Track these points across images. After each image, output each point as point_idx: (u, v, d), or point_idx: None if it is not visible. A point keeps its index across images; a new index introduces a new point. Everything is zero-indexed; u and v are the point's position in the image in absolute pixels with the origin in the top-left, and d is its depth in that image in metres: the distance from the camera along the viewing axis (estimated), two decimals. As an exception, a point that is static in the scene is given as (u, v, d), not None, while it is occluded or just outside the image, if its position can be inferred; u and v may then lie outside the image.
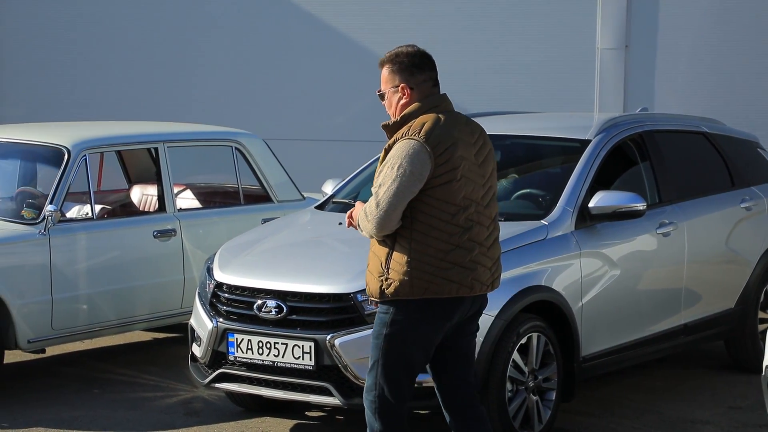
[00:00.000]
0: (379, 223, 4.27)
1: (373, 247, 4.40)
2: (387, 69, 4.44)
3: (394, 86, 4.42)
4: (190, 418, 6.10)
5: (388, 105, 4.45)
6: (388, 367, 4.40)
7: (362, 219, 4.34)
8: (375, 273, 4.36)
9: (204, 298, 5.79)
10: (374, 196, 4.30)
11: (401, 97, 4.42)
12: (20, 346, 6.45)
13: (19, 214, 6.64)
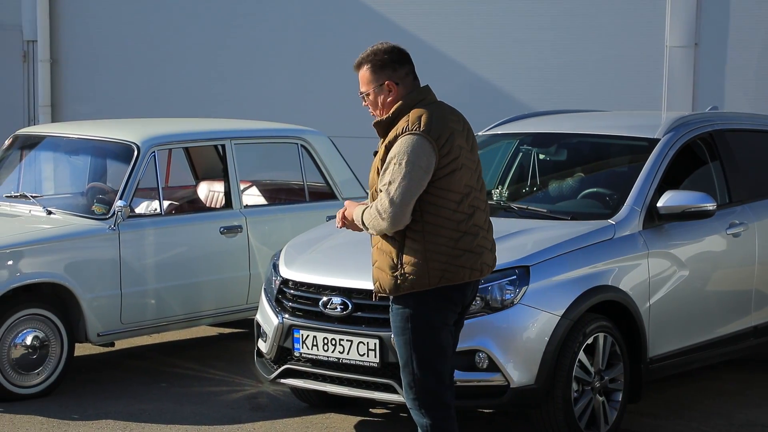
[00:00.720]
0: (394, 220, 4.30)
1: (378, 244, 4.42)
2: (367, 69, 4.45)
3: (379, 84, 4.44)
4: (256, 413, 6.15)
5: (372, 105, 4.46)
6: (424, 359, 4.42)
7: (373, 218, 4.34)
8: (387, 269, 4.37)
9: (270, 295, 5.83)
10: (385, 194, 4.30)
11: (388, 93, 4.45)
12: (90, 339, 6.56)
13: (89, 209, 6.75)
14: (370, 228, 4.39)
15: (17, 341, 6.29)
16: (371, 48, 4.48)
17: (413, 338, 4.40)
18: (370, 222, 4.37)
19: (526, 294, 5.35)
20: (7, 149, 7.35)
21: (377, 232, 4.39)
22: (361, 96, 4.49)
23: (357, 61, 4.49)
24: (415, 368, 4.41)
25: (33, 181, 7.19)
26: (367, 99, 4.47)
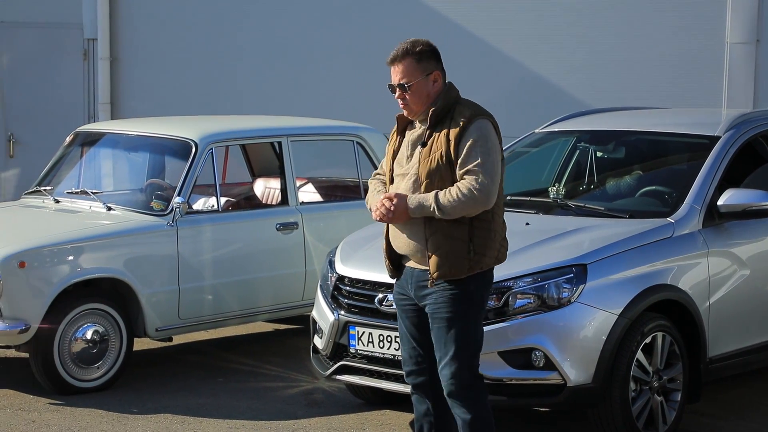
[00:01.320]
0: (490, 198, 4.45)
1: (445, 231, 4.44)
2: (411, 60, 4.53)
3: (426, 74, 4.52)
4: (311, 409, 6.18)
5: (416, 95, 4.52)
6: (478, 343, 4.57)
7: (463, 200, 4.40)
8: (461, 254, 4.45)
9: (326, 291, 5.85)
10: (482, 174, 4.40)
11: (433, 84, 4.52)
12: (149, 334, 6.64)
13: (148, 205, 6.82)
14: (450, 212, 4.43)
15: (78, 335, 6.38)
16: (406, 42, 4.57)
17: (474, 320, 4.53)
18: (456, 204, 4.41)
19: (583, 292, 5.31)
20: (68, 146, 7.45)
21: (464, 213, 4.44)
22: (400, 87, 4.53)
23: (395, 54, 4.55)
24: (469, 355, 4.51)
25: (93, 178, 7.28)
26: (410, 90, 4.52)
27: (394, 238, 4.63)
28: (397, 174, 4.63)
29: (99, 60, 10.49)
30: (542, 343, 5.26)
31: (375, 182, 4.79)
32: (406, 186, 4.55)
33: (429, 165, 4.49)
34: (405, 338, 4.73)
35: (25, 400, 6.28)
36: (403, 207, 4.48)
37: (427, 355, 4.67)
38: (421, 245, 4.51)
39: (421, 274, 4.56)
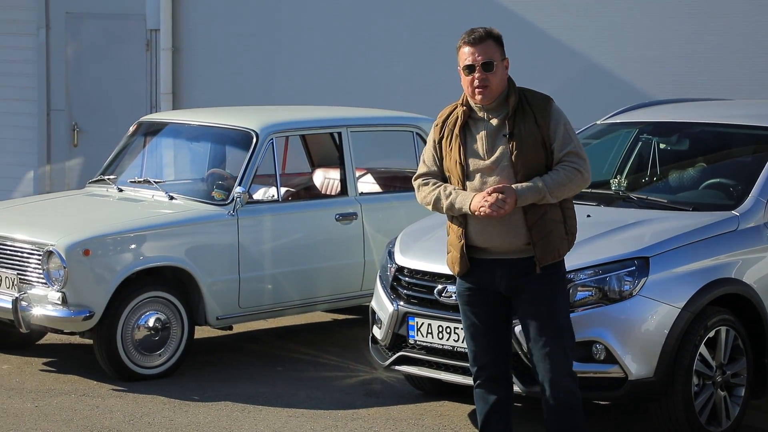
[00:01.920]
0: (589, 179, 4.62)
1: (546, 215, 4.55)
2: (492, 43, 4.61)
3: (502, 59, 4.61)
4: (370, 399, 6.20)
5: (492, 77, 4.56)
6: (572, 328, 4.68)
7: (574, 181, 4.53)
8: (561, 235, 4.58)
9: (385, 282, 5.86)
10: (575, 159, 4.54)
11: (505, 70, 4.63)
12: (209, 323, 6.70)
13: (209, 195, 6.88)
14: (560, 194, 4.54)
15: (140, 323, 6.46)
16: (483, 27, 4.63)
17: (567, 303, 4.71)
18: (566, 185, 4.54)
19: (645, 285, 5.27)
20: (131, 136, 7.54)
21: (570, 194, 4.58)
22: (485, 66, 4.55)
23: (480, 34, 4.59)
24: (570, 338, 4.66)
25: (155, 167, 7.37)
26: (493, 69, 4.55)
27: (483, 235, 4.58)
28: (476, 169, 4.59)
29: (161, 50, 10.59)
30: (603, 336, 5.23)
31: (431, 184, 4.67)
32: (495, 179, 4.55)
33: (524, 154, 4.53)
34: (478, 333, 4.70)
35: (89, 386, 6.38)
36: (514, 197, 4.49)
37: (502, 349, 4.69)
38: (522, 235, 4.54)
39: (518, 262, 4.57)
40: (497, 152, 4.56)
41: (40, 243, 6.38)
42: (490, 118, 4.61)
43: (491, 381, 4.72)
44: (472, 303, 4.70)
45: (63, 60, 11.01)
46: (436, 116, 4.84)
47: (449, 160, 4.66)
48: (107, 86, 10.89)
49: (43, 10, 11.02)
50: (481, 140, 4.59)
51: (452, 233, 4.69)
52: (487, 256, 4.61)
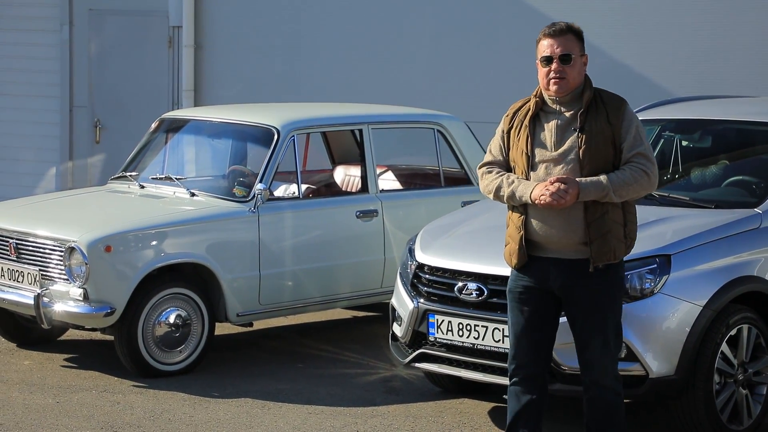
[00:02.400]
0: (656, 184, 4.59)
1: (607, 215, 4.51)
2: (572, 37, 4.61)
3: (581, 54, 4.60)
4: (390, 396, 6.20)
5: (570, 70, 4.55)
6: (621, 330, 4.69)
7: (640, 183, 4.50)
8: (619, 237, 4.54)
9: (405, 279, 5.86)
10: (645, 162, 4.52)
11: (582, 65, 4.60)
12: (230, 319, 6.71)
13: (230, 191, 6.90)
14: (624, 194, 4.51)
15: (161, 319, 6.48)
16: (564, 21, 4.65)
17: (621, 307, 4.67)
18: (631, 186, 4.51)
19: (666, 283, 5.25)
20: (153, 132, 7.56)
21: (635, 195, 4.55)
22: (563, 58, 4.54)
23: (561, 27, 4.60)
24: (619, 343, 4.68)
25: (177, 164, 7.38)
26: (571, 62, 4.55)
27: (542, 227, 4.56)
28: (542, 160, 4.57)
29: (183, 47, 10.62)
30: (624, 334, 5.18)
31: (494, 173, 4.66)
32: (560, 171, 4.54)
33: (592, 149, 4.51)
34: (523, 331, 4.66)
35: (109, 382, 6.41)
36: (577, 190, 4.47)
37: (544, 349, 4.68)
38: (580, 231, 4.52)
39: (574, 263, 4.56)
40: (565, 145, 4.55)
41: (62, 239, 6.41)
42: (563, 111, 4.59)
43: (528, 380, 4.70)
44: (522, 301, 4.66)
45: (86, 57, 11.06)
46: (457, 113, 4.83)
47: (516, 150, 4.64)
48: (129, 83, 10.93)
49: (67, 7, 11.07)
50: (550, 132, 4.58)
51: (512, 224, 4.65)
52: (544, 254, 4.59)
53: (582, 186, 4.48)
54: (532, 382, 4.71)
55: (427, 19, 9.98)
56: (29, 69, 11.27)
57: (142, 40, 10.87)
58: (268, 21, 10.58)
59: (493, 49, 9.70)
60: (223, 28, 10.71)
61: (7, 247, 6.63)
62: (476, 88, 9.77)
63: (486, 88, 9.75)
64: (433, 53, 9.95)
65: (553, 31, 4.59)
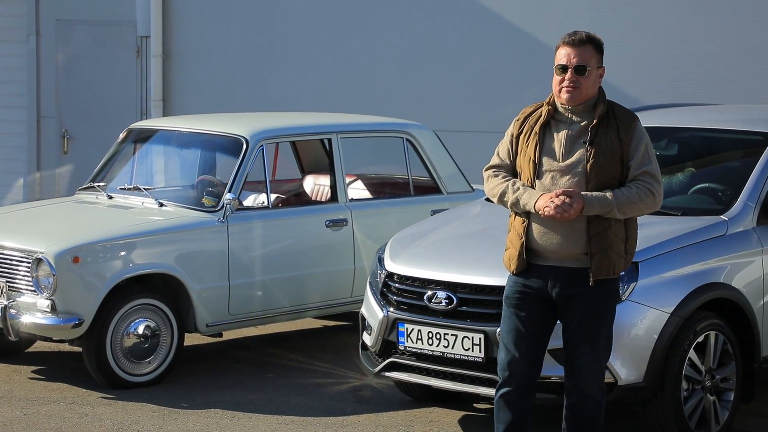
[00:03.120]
0: (660, 204, 4.59)
1: (609, 230, 4.51)
2: (592, 48, 4.58)
3: (597, 66, 4.58)
4: (360, 406, 6.19)
5: (584, 81, 4.53)
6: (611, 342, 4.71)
7: (644, 202, 4.51)
8: (620, 252, 4.55)
9: (375, 288, 5.86)
10: (652, 181, 4.53)
11: (598, 78, 4.60)
12: (199, 330, 6.69)
13: (199, 201, 6.87)
14: (628, 211, 4.51)
15: (130, 330, 6.44)
16: (585, 31, 4.62)
17: (610, 321, 4.65)
18: (635, 204, 4.51)
19: (634, 290, 5.27)
20: (121, 142, 7.53)
21: (638, 213, 4.55)
22: (578, 69, 4.53)
23: (581, 37, 4.58)
24: (608, 354, 4.67)
25: (145, 174, 7.35)
26: (586, 73, 4.53)
27: (543, 236, 4.55)
28: (549, 170, 4.56)
29: (151, 57, 10.59)
30: (593, 341, 5.21)
31: (500, 177, 4.64)
32: (566, 182, 4.53)
33: (600, 163, 4.50)
34: (519, 339, 4.63)
35: (78, 394, 6.36)
36: (581, 204, 4.47)
37: (538, 357, 4.66)
38: (582, 243, 4.52)
39: (573, 272, 4.55)
40: (574, 157, 4.54)
41: (29, 250, 6.36)
42: (574, 121, 4.59)
43: (522, 388, 4.65)
44: (520, 307, 4.64)
45: (53, 67, 11.00)
46: (426, 122, 4.83)
47: (523, 156, 4.62)
48: (97, 93, 10.88)
49: (33, 17, 11.01)
50: (559, 142, 4.57)
51: (513, 230, 4.65)
52: (544, 261, 4.59)
53: (587, 200, 4.47)
54: (526, 391, 4.68)
55: (396, 28, 10.01)
56: (-4, 79, 11.20)
57: (109, 50, 10.83)
58: (237, 30, 10.57)
59: (462, 59, 9.74)
60: (191, 38, 10.69)
61: (-26, 259, 6.57)
62: (445, 97, 9.80)
63: (454, 97, 9.79)
64: (402, 62, 9.98)
65: (573, 40, 4.57)
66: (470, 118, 9.74)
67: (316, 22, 10.30)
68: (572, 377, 4.63)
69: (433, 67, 9.84)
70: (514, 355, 4.64)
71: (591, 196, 4.48)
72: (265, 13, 10.49)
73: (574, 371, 4.61)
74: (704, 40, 8.93)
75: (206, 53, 10.67)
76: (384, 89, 10.02)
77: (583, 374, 4.60)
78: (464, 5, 9.73)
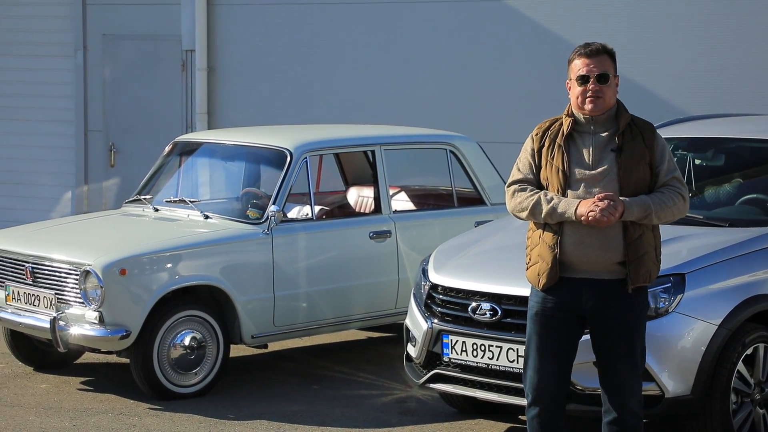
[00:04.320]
0: (688, 209, 4.62)
1: (643, 237, 4.51)
2: (608, 57, 4.62)
3: (615, 74, 4.61)
4: (405, 418, 6.18)
5: (606, 90, 4.54)
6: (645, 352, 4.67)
7: (678, 207, 4.54)
8: (653, 260, 4.55)
9: (419, 299, 5.86)
10: (680, 186, 4.56)
11: (615, 87, 4.63)
12: (244, 341, 6.72)
13: (244, 213, 6.91)
14: (663, 217, 4.53)
15: (176, 341, 6.49)
16: (598, 42, 4.65)
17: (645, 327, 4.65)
18: (670, 209, 4.54)
19: (681, 302, 5.23)
20: (166, 155, 7.60)
21: (671, 219, 4.57)
22: (601, 77, 4.55)
23: (597, 47, 4.61)
24: (643, 362, 4.64)
25: (191, 186, 7.41)
26: (608, 81, 4.56)
27: (578, 246, 4.50)
28: (581, 178, 4.53)
29: (196, 71, 10.68)
30: (640, 354, 5.17)
31: (528, 191, 4.57)
32: (600, 190, 4.50)
33: (631, 169, 4.51)
34: (548, 356, 4.57)
35: (125, 405, 6.42)
36: (623, 207, 4.46)
37: (566, 372, 4.62)
38: (619, 251, 4.49)
39: (608, 284, 4.52)
40: (606, 164, 4.53)
41: (77, 263, 6.44)
42: (597, 131, 4.58)
43: (553, 406, 4.61)
44: (549, 324, 4.56)
45: (100, 81, 11.13)
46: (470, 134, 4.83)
47: (549, 168, 4.58)
48: (143, 107, 10.99)
49: (81, 32, 11.15)
50: (587, 151, 4.56)
51: (543, 243, 4.56)
52: (575, 274, 4.53)
53: (627, 204, 4.45)
54: (557, 408, 4.63)
55: (439, 39, 10.02)
56: (44, 94, 11.35)
57: (155, 64, 10.94)
58: (281, 43, 10.63)
59: (506, 69, 9.72)
60: (235, 51, 10.77)
61: (23, 271, 6.66)
62: (489, 108, 9.79)
63: (498, 108, 9.77)
64: (446, 74, 9.98)
65: (590, 51, 4.58)
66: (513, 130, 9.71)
67: (359, 34, 10.34)
68: (614, 394, 4.57)
69: (476, 78, 9.84)
70: (543, 373, 4.58)
71: (630, 200, 4.47)
72: (308, 25, 10.54)
73: (616, 388, 4.56)
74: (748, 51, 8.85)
75: (250, 66, 10.74)
76: (428, 100, 10.02)
77: (625, 390, 4.54)
78: (508, 16, 9.72)
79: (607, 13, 9.32)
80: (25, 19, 11.34)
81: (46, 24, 11.34)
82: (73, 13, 11.11)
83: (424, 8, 10.13)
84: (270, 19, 10.72)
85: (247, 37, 10.75)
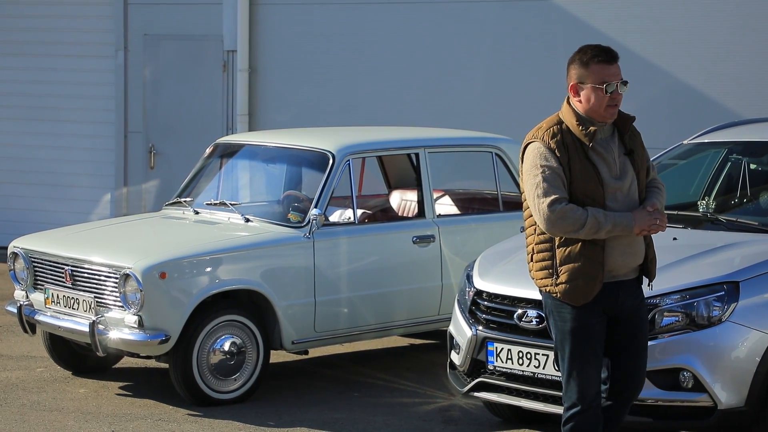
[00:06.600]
0: None
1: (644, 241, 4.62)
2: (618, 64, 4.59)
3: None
4: (448, 426, 6.07)
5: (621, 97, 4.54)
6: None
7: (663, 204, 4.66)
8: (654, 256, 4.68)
9: (463, 306, 5.75)
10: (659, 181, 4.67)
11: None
12: (285, 347, 6.63)
13: (285, 217, 6.83)
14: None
15: (216, 347, 6.41)
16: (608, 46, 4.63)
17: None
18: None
19: (735, 311, 5.12)
20: (207, 158, 7.53)
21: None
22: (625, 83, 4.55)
23: (615, 53, 4.60)
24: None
25: (231, 189, 7.34)
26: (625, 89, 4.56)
27: (624, 255, 4.52)
28: (614, 188, 4.52)
29: (238, 72, 10.63)
30: (691, 364, 5.09)
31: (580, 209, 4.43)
32: (626, 196, 4.53)
33: (642, 173, 4.61)
34: (591, 364, 4.53)
35: (164, 411, 6.35)
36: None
37: (600, 376, 4.61)
38: (643, 252, 4.62)
39: (635, 282, 4.62)
40: (627, 170, 4.56)
41: (116, 266, 6.38)
42: (605, 134, 4.57)
43: (597, 410, 4.58)
44: (596, 333, 4.54)
45: (140, 82, 11.12)
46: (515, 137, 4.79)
47: (584, 181, 4.46)
48: (184, 108, 10.96)
49: (122, 33, 11.15)
50: (612, 158, 4.55)
51: (585, 260, 4.43)
52: (610, 279, 4.55)
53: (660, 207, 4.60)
54: (598, 414, 4.59)
55: (484, 41, 9.90)
56: (84, 95, 11.35)
57: (196, 65, 10.90)
58: (323, 45, 10.56)
59: (551, 72, 9.57)
60: (277, 52, 10.71)
61: (63, 274, 6.61)
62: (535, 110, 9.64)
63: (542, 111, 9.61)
64: (491, 76, 9.87)
65: (612, 56, 4.56)
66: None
67: (402, 36, 10.24)
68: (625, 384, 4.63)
69: (523, 80, 9.71)
70: (589, 381, 4.54)
71: (660, 202, 4.60)
72: (350, 27, 10.46)
73: (629, 379, 4.63)
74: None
75: (292, 67, 10.67)
76: (472, 103, 9.91)
77: (638, 382, 4.65)
78: (554, 18, 9.58)
79: (655, 14, 9.15)
80: (65, 20, 11.36)
81: (86, 24, 11.35)
82: (114, 13, 11.11)
83: (470, 9, 10.02)
84: (312, 19, 10.64)
85: (290, 38, 10.68)
